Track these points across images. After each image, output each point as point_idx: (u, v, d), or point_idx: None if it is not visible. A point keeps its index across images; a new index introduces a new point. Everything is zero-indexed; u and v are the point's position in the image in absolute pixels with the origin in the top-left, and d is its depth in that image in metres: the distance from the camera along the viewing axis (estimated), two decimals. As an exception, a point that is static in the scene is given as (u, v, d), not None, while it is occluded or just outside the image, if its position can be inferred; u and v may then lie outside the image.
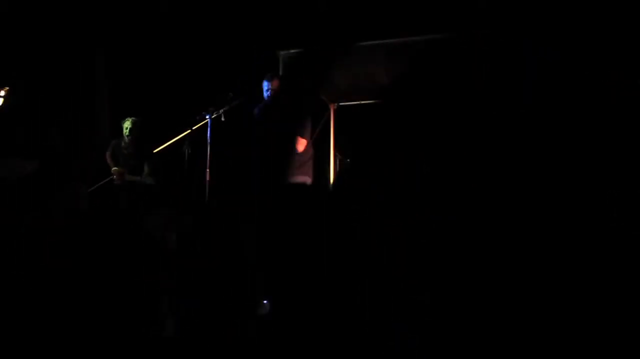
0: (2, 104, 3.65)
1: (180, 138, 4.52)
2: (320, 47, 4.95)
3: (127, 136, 4.86)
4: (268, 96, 4.03)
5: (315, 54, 5.00)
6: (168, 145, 4.70)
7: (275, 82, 4.08)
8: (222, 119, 4.42)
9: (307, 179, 4.06)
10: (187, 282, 2.87)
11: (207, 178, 4.26)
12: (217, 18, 5.38)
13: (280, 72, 5.00)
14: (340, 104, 6.32)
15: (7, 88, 3.83)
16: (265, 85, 4.10)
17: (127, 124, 4.86)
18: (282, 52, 5.01)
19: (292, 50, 5.01)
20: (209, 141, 4.31)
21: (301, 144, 3.97)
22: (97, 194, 4.70)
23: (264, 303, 2.45)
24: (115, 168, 4.80)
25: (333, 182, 5.32)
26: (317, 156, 4.41)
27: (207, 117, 4.35)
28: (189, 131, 4.48)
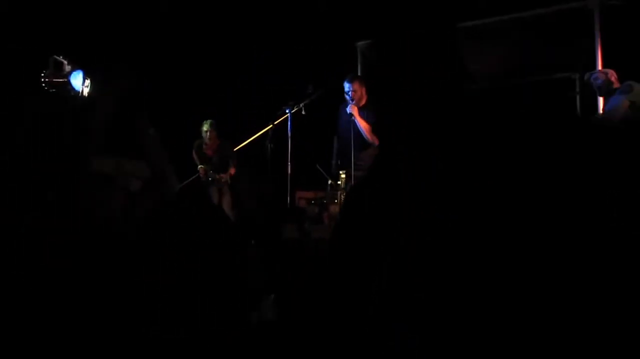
0: (89, 93, 3.86)
1: (263, 133, 4.67)
2: (398, 36, 4.83)
3: (208, 138, 5.14)
4: (350, 97, 3.98)
5: (391, 43, 4.89)
6: (251, 141, 4.88)
7: (357, 84, 4.03)
8: (303, 112, 4.49)
9: None
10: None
11: (289, 171, 4.36)
12: (295, 11, 5.45)
13: (359, 63, 4.98)
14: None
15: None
16: (346, 87, 4.06)
17: (205, 127, 5.17)
18: (359, 43, 4.98)
19: (370, 41, 4.95)
20: (289, 134, 4.40)
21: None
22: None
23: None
24: (201, 166, 5.10)
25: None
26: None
27: (288, 111, 4.44)
28: (270, 125, 4.60)
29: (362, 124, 3.95)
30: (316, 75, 4.75)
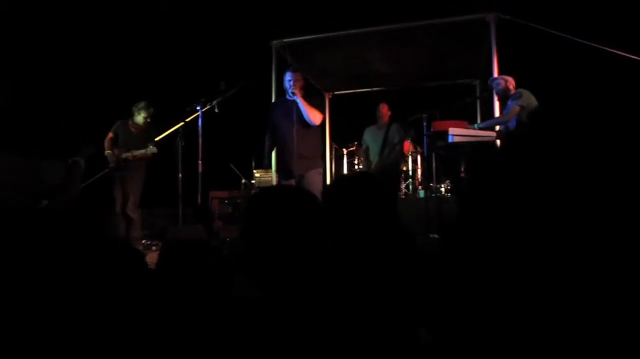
0: None
1: (174, 130, 4.52)
2: (314, 36, 4.88)
3: (145, 119, 4.83)
4: (291, 86, 3.81)
5: (308, 43, 4.94)
6: (162, 137, 4.71)
7: (298, 75, 3.88)
8: (216, 110, 4.37)
9: (320, 170, 3.98)
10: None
11: (200, 170, 4.25)
12: (210, 8, 5.34)
13: (273, 62, 4.96)
14: (336, 92, 6.36)
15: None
16: (288, 76, 3.88)
17: (144, 112, 4.83)
18: (274, 42, 4.96)
19: (285, 40, 4.95)
20: (200, 132, 4.28)
21: (319, 118, 3.78)
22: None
23: None
24: (109, 151, 4.81)
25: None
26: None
27: (199, 108, 4.31)
28: (182, 123, 4.46)
29: (304, 103, 3.77)
30: (230, 74, 4.68)
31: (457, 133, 4.34)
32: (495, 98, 4.31)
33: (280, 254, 1.16)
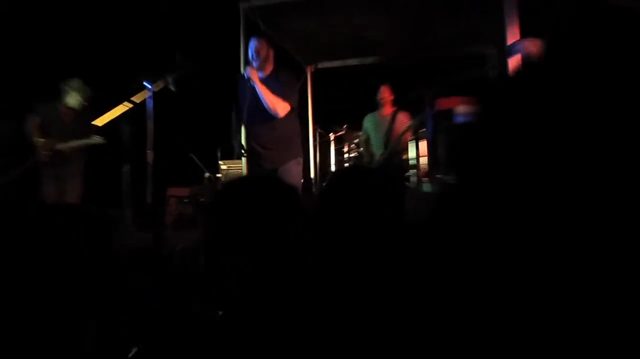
0: None
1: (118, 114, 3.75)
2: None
3: (81, 102, 4.17)
4: (253, 57, 3.26)
5: (283, 5, 4.15)
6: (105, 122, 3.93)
7: (263, 43, 3.28)
8: (172, 88, 3.60)
9: (300, 160, 3.42)
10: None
11: (150, 161, 3.46)
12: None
13: (242, 28, 4.17)
14: (319, 65, 5.65)
15: None
16: (251, 45, 3.31)
17: (81, 94, 4.17)
18: (242, 4, 4.17)
19: (256, 1, 4.17)
20: (150, 115, 3.48)
21: (283, 109, 3.19)
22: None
23: None
24: (41, 139, 4.08)
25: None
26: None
27: (149, 86, 3.51)
28: (130, 105, 3.68)
29: (263, 91, 3.17)
30: (189, 42, 3.89)
31: (466, 112, 3.67)
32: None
33: (252, 264, 1.05)
